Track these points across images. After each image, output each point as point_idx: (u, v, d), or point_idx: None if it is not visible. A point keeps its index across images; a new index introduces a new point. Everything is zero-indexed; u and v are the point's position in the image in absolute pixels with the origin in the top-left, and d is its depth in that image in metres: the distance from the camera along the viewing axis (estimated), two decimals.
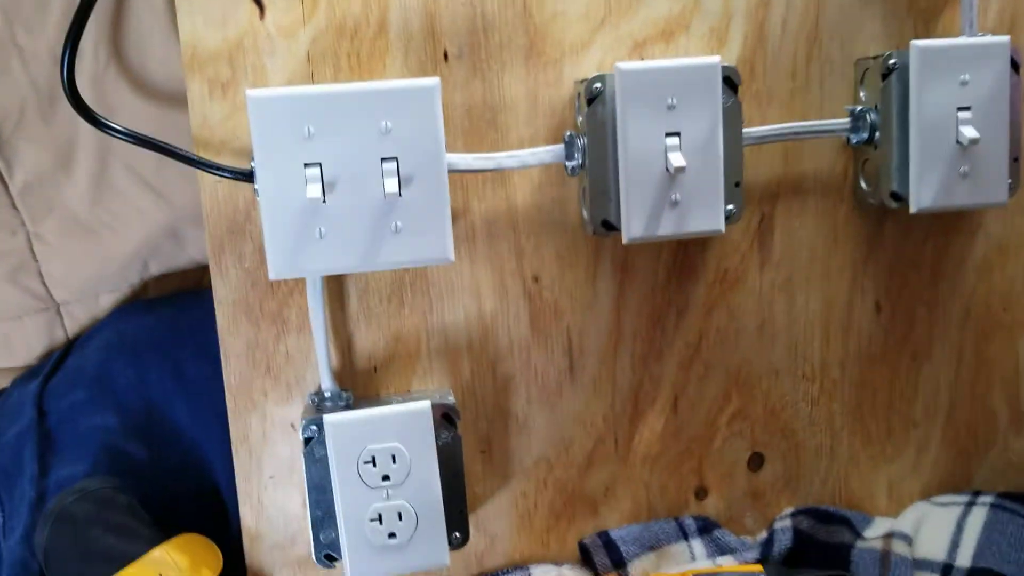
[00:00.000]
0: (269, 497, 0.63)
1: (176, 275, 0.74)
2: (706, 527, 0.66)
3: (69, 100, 0.56)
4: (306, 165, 0.55)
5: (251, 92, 0.54)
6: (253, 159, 0.55)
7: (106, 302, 0.72)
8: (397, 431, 0.59)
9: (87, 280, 0.71)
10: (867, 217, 0.66)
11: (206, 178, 0.59)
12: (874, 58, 0.62)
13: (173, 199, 0.70)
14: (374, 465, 0.59)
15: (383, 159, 0.55)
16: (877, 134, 0.62)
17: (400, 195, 0.55)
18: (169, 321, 0.68)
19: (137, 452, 0.65)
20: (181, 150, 0.57)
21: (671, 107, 0.57)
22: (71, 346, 0.72)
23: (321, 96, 0.54)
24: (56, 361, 0.69)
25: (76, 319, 0.72)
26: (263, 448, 0.63)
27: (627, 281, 0.64)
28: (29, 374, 0.71)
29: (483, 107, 0.61)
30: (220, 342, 0.61)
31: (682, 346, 0.66)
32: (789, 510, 0.68)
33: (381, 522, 0.59)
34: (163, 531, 0.62)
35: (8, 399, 0.68)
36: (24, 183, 0.69)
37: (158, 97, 0.69)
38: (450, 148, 0.59)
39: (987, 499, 0.66)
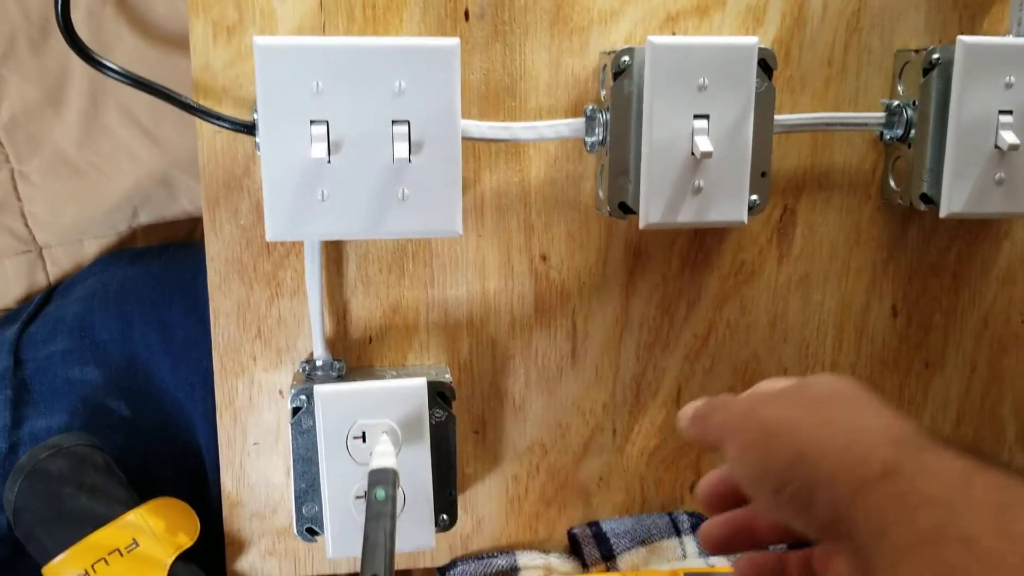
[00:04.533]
0: (252, 464, 0.61)
1: (166, 225, 0.70)
2: (699, 524, 0.64)
3: (63, 34, 0.53)
4: (312, 122, 0.51)
5: (259, 40, 0.50)
6: (256, 111, 0.52)
7: (91, 248, 0.69)
8: (390, 407, 0.57)
9: (72, 224, 0.68)
10: (892, 217, 0.63)
11: (205, 127, 0.56)
12: (916, 51, 0.59)
13: (168, 145, 0.67)
14: (364, 441, 0.57)
15: (394, 121, 0.52)
16: (912, 131, 0.59)
17: (409, 161, 0.52)
18: (157, 274, 0.64)
19: (118, 408, 0.62)
20: (179, 95, 0.54)
21: (702, 88, 0.54)
22: (52, 292, 0.68)
23: (333, 49, 0.51)
24: (36, 307, 0.66)
25: (59, 264, 0.69)
26: (248, 414, 0.60)
27: (639, 267, 0.62)
28: (6, 319, 0.68)
29: (502, 72, 0.58)
30: (210, 301, 0.58)
31: (690, 338, 0.63)
32: None
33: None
34: (139, 493, 0.60)
35: None
36: (10, 117, 0.65)
37: (158, 37, 0.65)
38: (464, 114, 0.56)
39: None
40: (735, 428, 0.38)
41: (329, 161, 0.52)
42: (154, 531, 0.58)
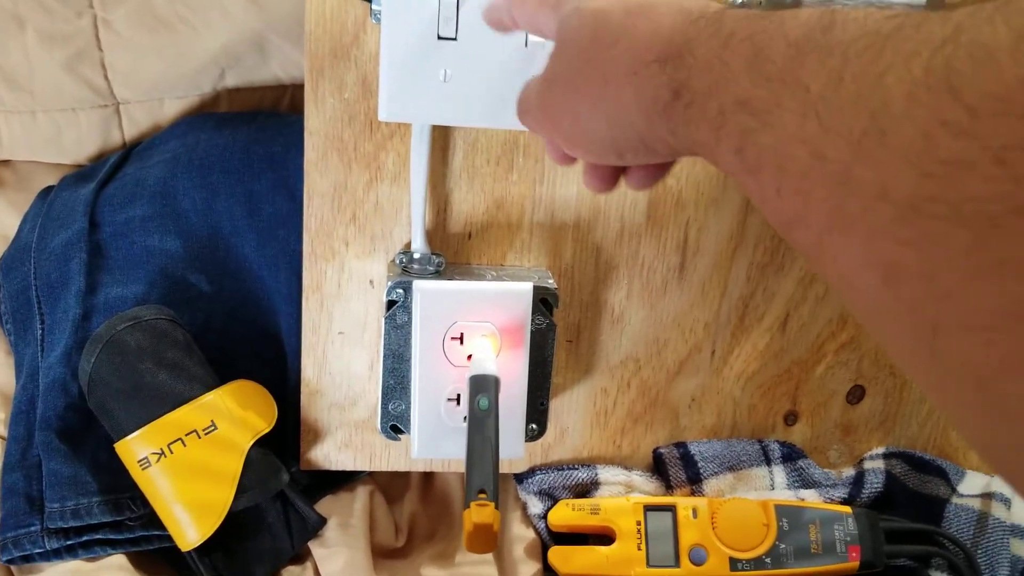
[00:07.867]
0: (335, 353, 0.58)
1: (253, 91, 0.65)
2: (791, 455, 0.62)
3: None
4: None
5: None
6: None
7: (171, 109, 0.64)
8: (492, 310, 0.54)
9: (154, 80, 0.63)
10: None
11: None
12: None
13: (266, 4, 0.61)
14: (461, 343, 0.53)
15: None
16: None
17: (544, 46, 0.47)
18: (245, 144, 0.60)
19: (197, 283, 0.59)
20: None
21: None
22: (129, 153, 0.64)
23: None
24: (112, 167, 0.62)
25: (135, 122, 0.64)
26: (336, 301, 0.57)
27: None
28: (79, 176, 0.63)
29: None
30: (305, 179, 0.54)
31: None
32: (880, 450, 0.63)
33: (459, 403, 0.54)
34: (216, 373, 0.57)
35: (55, 200, 0.61)
36: None
37: None
38: None
39: None
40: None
41: (456, 38, 0.47)
42: (233, 415, 0.55)
